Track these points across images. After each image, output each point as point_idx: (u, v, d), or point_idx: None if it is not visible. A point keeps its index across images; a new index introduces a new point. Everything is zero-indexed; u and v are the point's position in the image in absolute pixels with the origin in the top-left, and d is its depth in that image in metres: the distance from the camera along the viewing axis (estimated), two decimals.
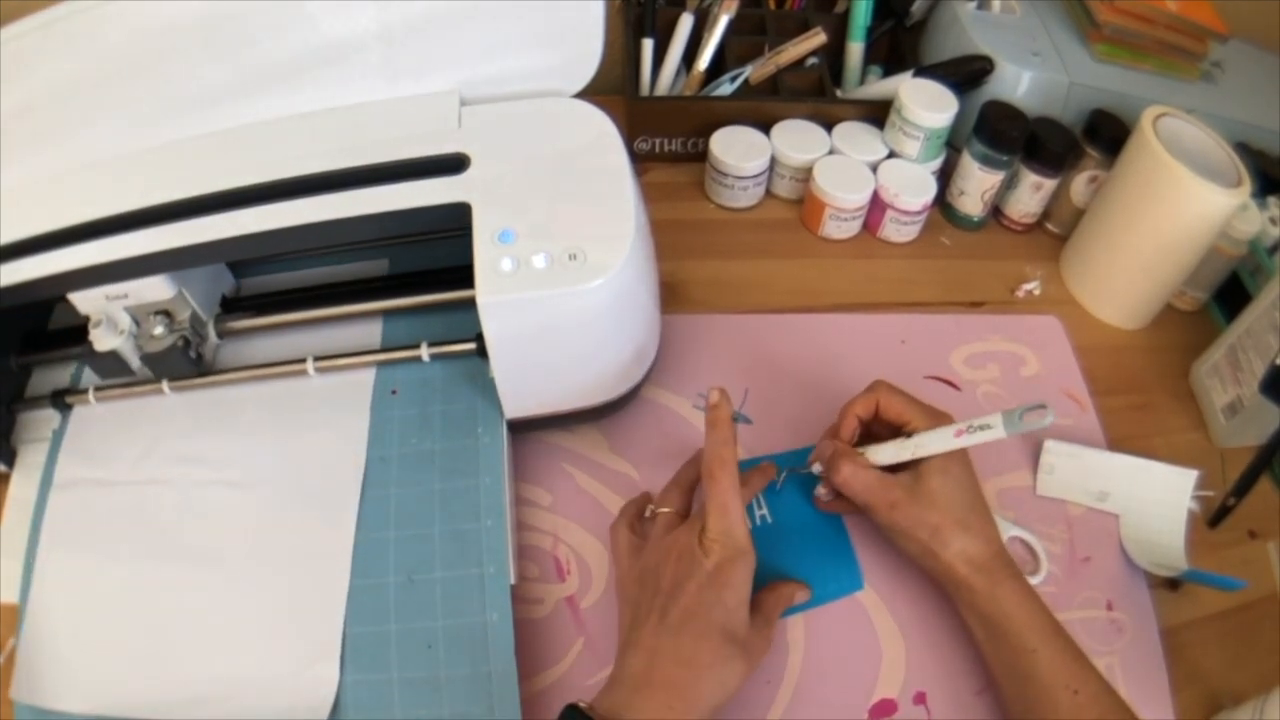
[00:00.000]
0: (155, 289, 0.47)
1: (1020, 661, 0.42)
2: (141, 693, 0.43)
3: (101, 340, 0.47)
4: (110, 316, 0.47)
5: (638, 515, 0.48)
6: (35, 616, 0.45)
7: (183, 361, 0.49)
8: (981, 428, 0.43)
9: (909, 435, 0.46)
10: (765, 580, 0.48)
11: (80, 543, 0.47)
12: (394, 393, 0.51)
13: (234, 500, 0.48)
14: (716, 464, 0.43)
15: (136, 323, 0.48)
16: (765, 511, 0.52)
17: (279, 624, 0.45)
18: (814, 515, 0.51)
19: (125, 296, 0.47)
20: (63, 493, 0.49)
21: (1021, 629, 0.42)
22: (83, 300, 0.47)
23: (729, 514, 0.42)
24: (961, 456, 0.46)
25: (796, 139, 0.67)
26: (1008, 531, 0.52)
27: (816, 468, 0.50)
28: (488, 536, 0.45)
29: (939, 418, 0.46)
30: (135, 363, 0.49)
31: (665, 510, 0.46)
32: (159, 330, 0.48)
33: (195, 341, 0.49)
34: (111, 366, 0.48)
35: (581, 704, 0.37)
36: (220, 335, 0.52)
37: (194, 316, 0.49)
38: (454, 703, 0.42)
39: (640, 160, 0.72)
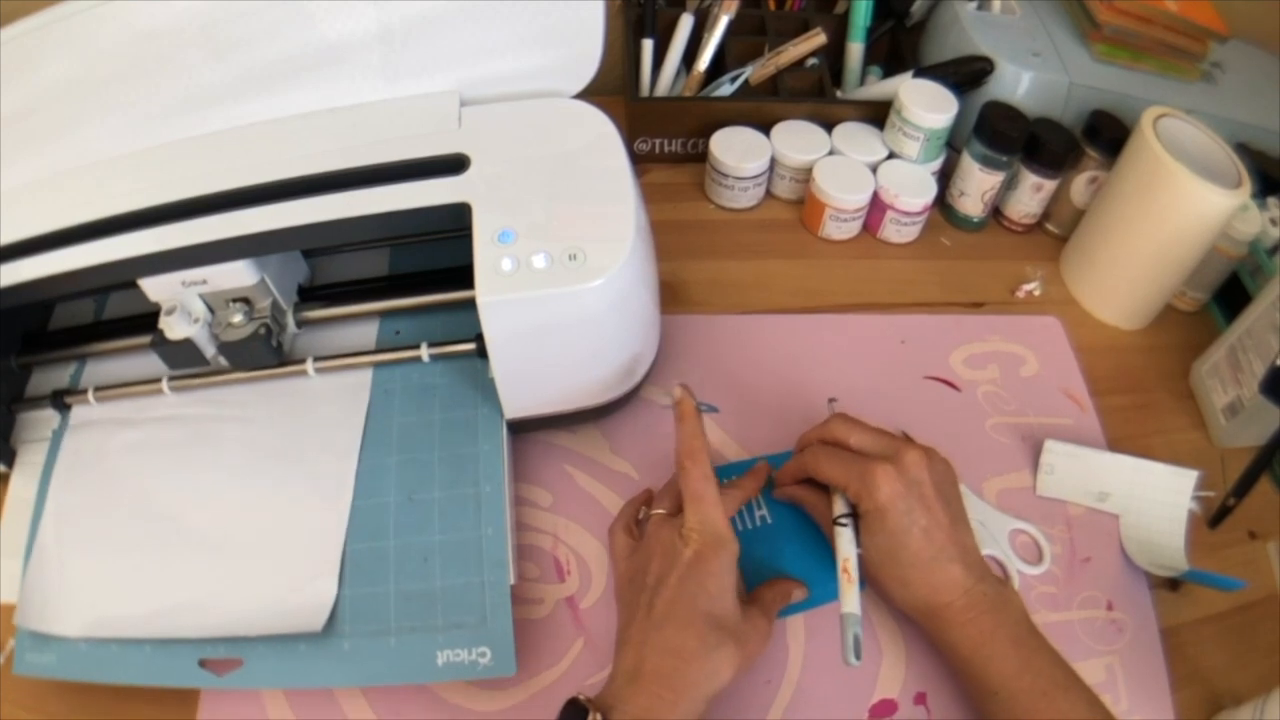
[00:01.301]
0: (237, 275, 0.46)
1: (985, 701, 0.42)
2: (143, 614, 0.44)
3: (175, 328, 0.45)
4: (185, 304, 0.46)
5: (634, 517, 0.48)
6: (43, 546, 0.46)
7: (266, 351, 0.48)
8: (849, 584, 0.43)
9: (837, 518, 0.46)
10: (766, 579, 0.48)
11: (90, 476, 0.48)
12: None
13: (242, 433, 0.49)
14: (686, 456, 0.44)
15: (211, 311, 0.47)
16: (765, 512, 0.52)
17: (280, 544, 0.46)
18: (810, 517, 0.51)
19: (204, 283, 0.46)
20: (78, 432, 0.50)
21: (979, 672, 0.42)
22: (155, 287, 0.46)
23: (703, 502, 0.42)
24: (891, 513, 0.43)
25: (796, 139, 0.67)
26: (1009, 525, 0.52)
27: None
28: (485, 460, 0.47)
29: (872, 481, 0.43)
30: (210, 351, 0.48)
31: (658, 512, 0.46)
32: (238, 319, 0.47)
33: (276, 330, 0.49)
34: (184, 355, 0.47)
35: (581, 697, 0.38)
36: (299, 324, 0.52)
37: (275, 305, 0.49)
38: (448, 612, 0.43)
39: (640, 161, 0.72)
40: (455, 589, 0.44)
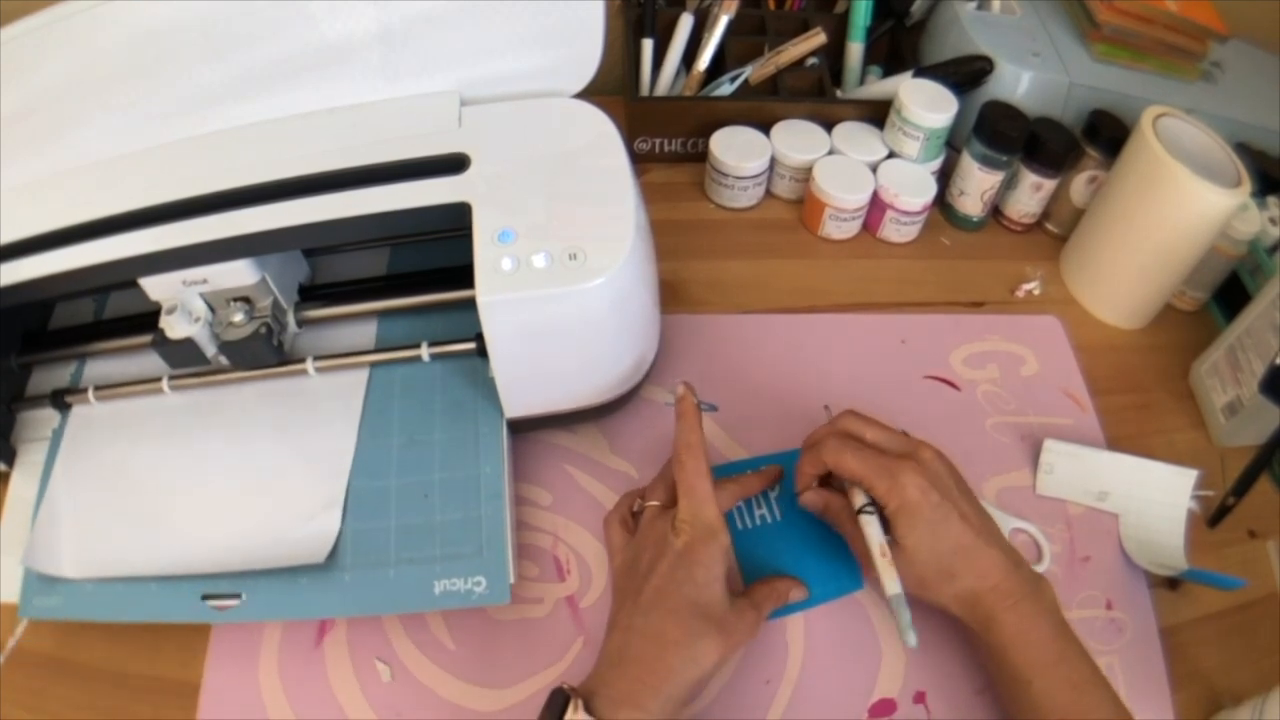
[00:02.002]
0: (238, 274, 0.46)
1: (1018, 691, 0.42)
2: (149, 553, 0.45)
3: (175, 327, 0.45)
4: (185, 303, 0.46)
5: (630, 510, 0.48)
6: (52, 495, 0.48)
7: (267, 350, 0.48)
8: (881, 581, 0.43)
9: (859, 509, 0.46)
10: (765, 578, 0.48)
11: (101, 428, 0.50)
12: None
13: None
14: (683, 449, 0.44)
15: (212, 310, 0.47)
16: (765, 510, 0.52)
17: (285, 484, 0.47)
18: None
19: (204, 282, 0.46)
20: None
21: (1018, 660, 0.42)
22: (155, 286, 0.46)
23: (696, 495, 0.43)
24: (925, 507, 0.43)
25: (796, 139, 0.67)
26: (1009, 524, 0.52)
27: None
28: (484, 413, 0.49)
29: (898, 476, 0.43)
30: (211, 351, 0.48)
31: (652, 504, 0.46)
32: (239, 318, 0.47)
33: (277, 330, 0.49)
34: (185, 355, 0.47)
35: (566, 686, 0.38)
36: (300, 324, 0.52)
37: (275, 304, 0.49)
38: (446, 544, 0.45)
39: (640, 160, 0.72)
40: (453, 522, 0.46)
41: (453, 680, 0.45)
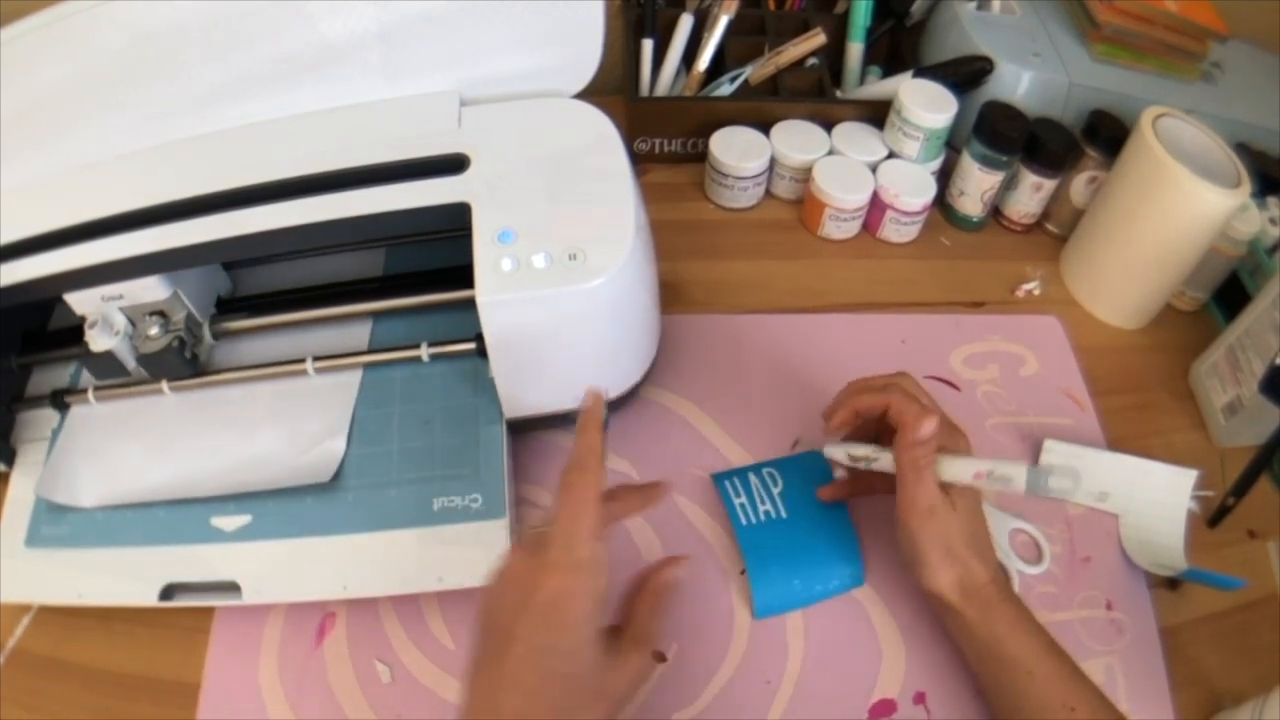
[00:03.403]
0: (150, 290, 0.47)
1: (1015, 683, 0.42)
2: (159, 481, 0.47)
3: (97, 341, 0.47)
4: (106, 317, 0.48)
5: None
6: (67, 434, 0.50)
7: (178, 362, 0.49)
8: (1003, 479, 0.42)
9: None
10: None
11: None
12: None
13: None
14: (574, 472, 0.37)
15: (132, 324, 0.49)
16: (770, 507, 0.51)
17: (292, 412, 0.50)
18: (821, 510, 0.51)
19: (120, 297, 0.47)
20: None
21: (1014, 652, 0.42)
22: (79, 301, 0.47)
23: (576, 525, 0.36)
24: (974, 490, 0.44)
25: (796, 139, 0.67)
26: (1009, 524, 0.52)
27: (829, 451, 0.49)
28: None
29: (955, 432, 0.45)
30: (131, 363, 0.49)
31: (533, 527, 0.44)
32: (154, 331, 0.48)
33: (190, 342, 0.50)
34: (108, 367, 0.49)
35: None
36: (215, 336, 0.52)
37: (189, 317, 0.50)
38: (445, 465, 0.47)
39: (640, 161, 0.72)
40: (452, 446, 0.48)
41: (453, 680, 0.45)
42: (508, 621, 0.35)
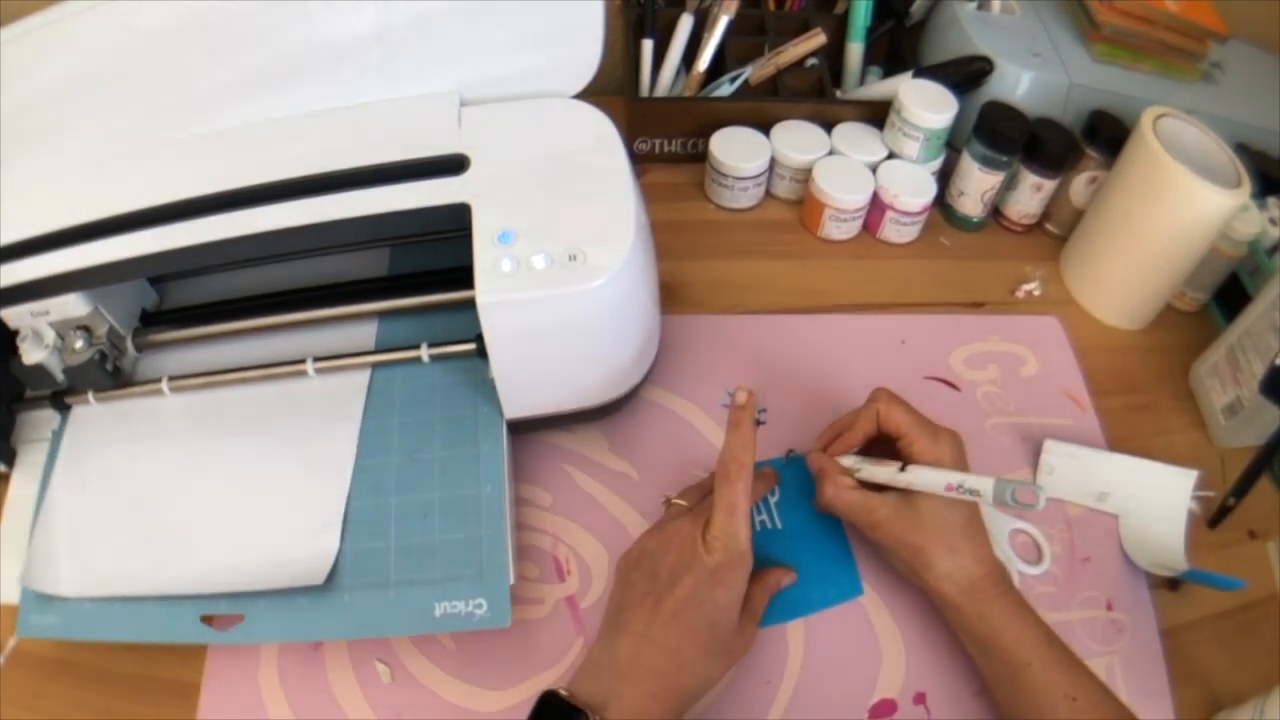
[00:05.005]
0: (72, 306, 0.47)
1: (1016, 675, 0.42)
2: (146, 572, 0.45)
3: (29, 353, 0.48)
4: (36, 331, 0.48)
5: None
6: (49, 510, 0.47)
7: (100, 374, 0.49)
8: (971, 492, 0.43)
9: (903, 466, 0.45)
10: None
11: (98, 441, 0.50)
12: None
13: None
14: (734, 466, 0.43)
15: (61, 337, 0.49)
16: (765, 517, 0.52)
17: (283, 502, 0.47)
18: (815, 520, 0.51)
19: (47, 313, 0.47)
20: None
21: (1013, 644, 0.42)
22: (11, 316, 0.48)
23: (736, 515, 0.42)
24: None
25: (796, 139, 0.67)
26: (1009, 525, 0.52)
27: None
28: (484, 421, 0.49)
29: (938, 436, 0.46)
30: (59, 375, 0.50)
31: (679, 502, 0.47)
32: (79, 345, 0.48)
33: (113, 355, 0.50)
34: (39, 378, 0.50)
35: (562, 691, 0.38)
36: (139, 349, 0.52)
37: (112, 331, 0.50)
38: (447, 565, 0.44)
39: (640, 161, 0.72)
40: (454, 543, 0.45)
41: (453, 681, 0.45)
42: (669, 575, 0.42)
